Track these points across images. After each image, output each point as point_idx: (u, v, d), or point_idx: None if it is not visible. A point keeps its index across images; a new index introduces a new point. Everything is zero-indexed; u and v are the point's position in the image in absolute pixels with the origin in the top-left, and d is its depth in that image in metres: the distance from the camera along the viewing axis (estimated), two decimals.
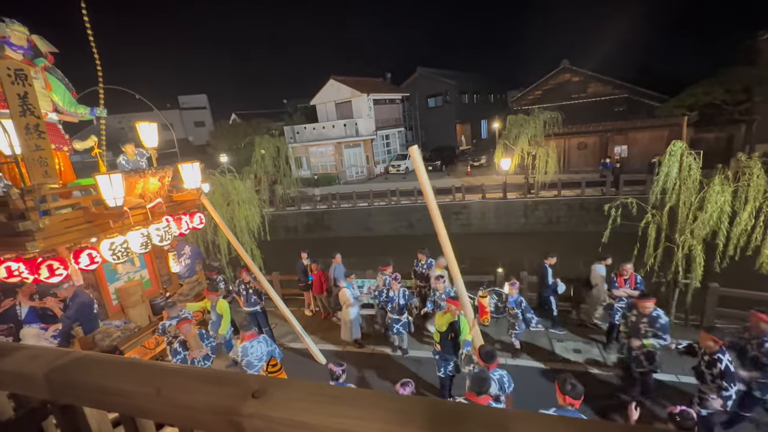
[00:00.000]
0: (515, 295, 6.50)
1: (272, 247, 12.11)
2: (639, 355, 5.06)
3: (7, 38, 5.14)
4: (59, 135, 5.77)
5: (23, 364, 0.61)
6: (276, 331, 8.04)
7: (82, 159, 10.72)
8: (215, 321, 6.47)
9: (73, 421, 0.63)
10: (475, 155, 27.09)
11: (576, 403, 3.30)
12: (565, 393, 3.30)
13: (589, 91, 22.70)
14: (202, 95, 50.32)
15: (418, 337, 7.53)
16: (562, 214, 17.08)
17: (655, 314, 4.95)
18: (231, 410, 0.47)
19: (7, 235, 4.46)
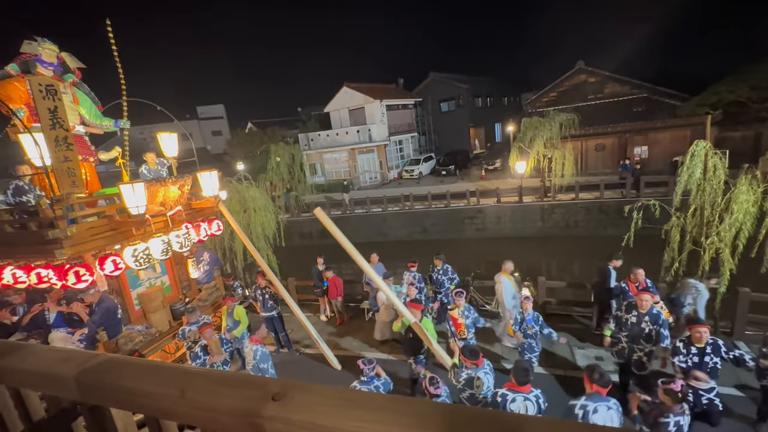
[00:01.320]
0: (531, 311, 5.97)
1: (288, 253, 12.26)
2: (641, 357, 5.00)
3: (39, 56, 5.42)
4: (86, 146, 6.02)
5: (54, 365, 0.64)
6: (292, 336, 8.10)
7: (107, 169, 11.15)
8: (231, 327, 6.56)
9: (101, 421, 0.66)
10: (489, 159, 26.85)
11: (603, 390, 3.33)
12: (592, 381, 3.35)
13: (607, 91, 22.24)
14: (219, 105, 51.70)
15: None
16: (580, 217, 16.70)
17: (656, 311, 4.94)
18: (252, 412, 0.48)
19: (37, 243, 4.66)
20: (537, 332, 5.91)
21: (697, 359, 4.15)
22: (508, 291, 6.98)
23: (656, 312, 4.96)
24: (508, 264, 7.08)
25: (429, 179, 26.52)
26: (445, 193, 18.63)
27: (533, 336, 5.91)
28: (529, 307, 5.96)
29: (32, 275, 4.82)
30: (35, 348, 0.70)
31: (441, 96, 33.41)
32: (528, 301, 5.99)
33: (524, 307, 5.97)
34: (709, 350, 4.11)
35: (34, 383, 0.67)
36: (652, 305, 5.04)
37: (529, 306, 5.96)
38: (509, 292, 6.98)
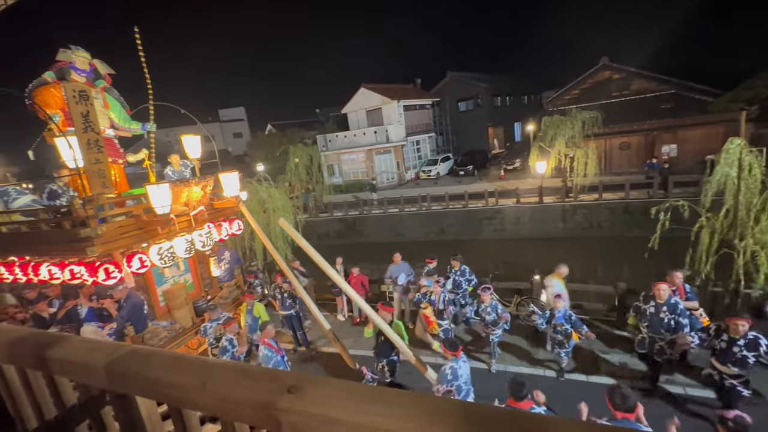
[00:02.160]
0: (562, 308, 5.93)
1: (305, 253, 12.42)
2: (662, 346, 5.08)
3: (73, 63, 5.71)
4: (115, 149, 6.29)
5: (86, 355, 0.68)
6: (309, 335, 8.20)
7: (134, 171, 11.61)
8: (251, 323, 6.71)
9: (128, 410, 0.69)
10: (508, 159, 26.38)
11: (630, 415, 3.06)
12: (616, 407, 3.10)
13: (632, 88, 21.47)
14: (240, 108, 52.92)
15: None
16: (603, 218, 16.18)
17: (673, 301, 5.00)
18: (269, 404, 0.49)
19: (70, 241, 4.90)
20: (567, 330, 5.88)
21: (724, 345, 4.33)
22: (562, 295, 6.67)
23: (674, 302, 5.02)
24: (563, 268, 6.85)
25: (446, 179, 26.31)
26: (463, 194, 18.43)
27: (563, 333, 5.90)
28: (561, 304, 5.95)
29: (66, 271, 5.07)
30: (69, 338, 0.74)
31: (459, 95, 33.09)
32: (559, 299, 5.97)
33: (555, 304, 5.97)
34: (742, 343, 4.22)
35: (67, 371, 0.72)
36: (670, 295, 5.11)
37: (561, 304, 5.96)
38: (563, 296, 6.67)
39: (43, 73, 5.59)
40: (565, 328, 5.86)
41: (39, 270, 5.26)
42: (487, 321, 6.41)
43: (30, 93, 5.48)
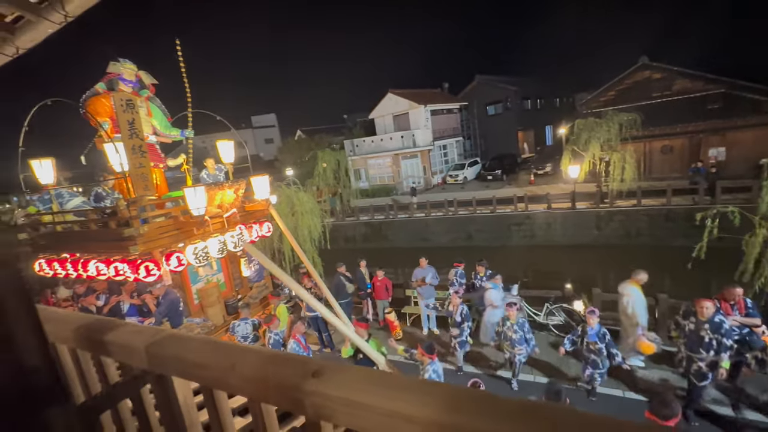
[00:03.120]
0: (596, 326, 5.44)
1: (332, 255, 12.60)
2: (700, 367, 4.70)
3: (121, 75, 6.14)
4: (157, 154, 6.69)
5: (129, 338, 0.73)
6: (335, 336, 8.29)
7: (173, 174, 12.29)
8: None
9: (165, 389, 0.74)
10: (539, 163, 25.62)
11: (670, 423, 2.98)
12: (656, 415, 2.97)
13: (675, 88, 20.29)
14: (271, 115, 54.74)
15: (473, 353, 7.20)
16: (642, 225, 15.32)
17: (717, 320, 4.57)
18: (294, 387, 0.51)
19: (115, 240, 5.25)
20: (601, 349, 5.37)
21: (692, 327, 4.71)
22: (641, 303, 6.18)
23: (718, 320, 4.57)
24: (641, 274, 6.26)
25: (474, 184, 25.90)
26: (491, 199, 18.07)
27: (597, 353, 5.41)
28: (594, 321, 5.48)
29: (111, 268, 5.43)
30: (115, 323, 0.81)
31: (487, 99, 32.57)
32: (592, 315, 5.50)
33: (588, 321, 5.50)
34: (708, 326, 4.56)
35: (112, 352, 0.78)
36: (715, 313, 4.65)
37: (594, 320, 5.48)
38: (641, 303, 6.18)
39: (95, 85, 6.05)
40: (599, 348, 5.36)
41: (88, 266, 5.66)
42: (513, 340, 5.92)
43: (84, 103, 5.95)
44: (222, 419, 0.68)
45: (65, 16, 2.33)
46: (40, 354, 0.51)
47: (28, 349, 0.49)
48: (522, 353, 6.00)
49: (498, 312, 6.70)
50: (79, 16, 2.48)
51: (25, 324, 0.49)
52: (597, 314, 5.54)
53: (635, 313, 6.15)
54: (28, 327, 0.50)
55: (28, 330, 0.49)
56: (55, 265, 5.78)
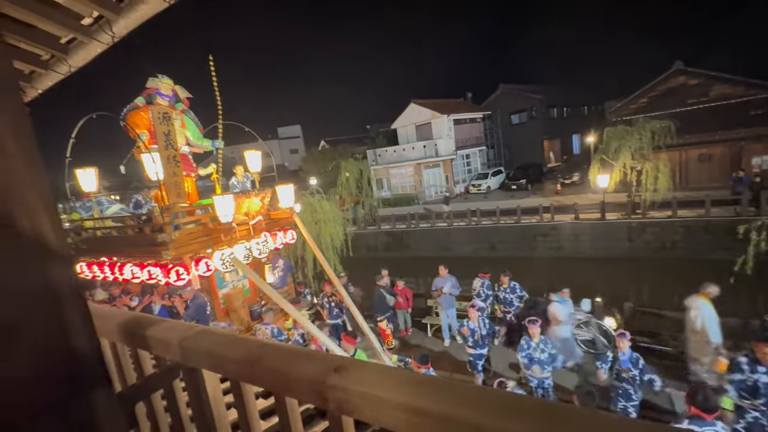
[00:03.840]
0: (628, 351, 4.89)
1: (354, 264, 12.68)
2: None
3: (159, 89, 6.52)
4: (189, 163, 7.02)
5: (165, 333, 0.78)
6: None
7: (203, 183, 12.83)
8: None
9: (195, 381, 0.78)
10: (565, 172, 24.94)
11: (707, 416, 2.87)
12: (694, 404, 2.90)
13: (712, 94, 19.33)
14: (296, 126, 56.30)
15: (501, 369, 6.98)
16: (678, 237, 14.53)
17: None
18: (317, 381, 0.53)
19: (149, 245, 5.52)
20: (635, 377, 4.81)
21: None
22: (711, 318, 5.68)
23: None
24: (711, 288, 5.79)
25: (498, 194, 25.47)
26: (516, 208, 17.69)
27: (630, 381, 4.85)
28: (626, 345, 4.91)
29: (145, 272, 5.69)
30: (152, 319, 0.86)
31: (512, 108, 32.19)
32: (623, 339, 4.92)
33: (619, 346, 4.94)
34: None
35: (149, 346, 0.83)
36: None
37: (626, 344, 4.91)
38: (713, 318, 5.69)
39: (135, 99, 6.46)
40: (633, 375, 4.80)
41: (123, 270, 5.96)
42: (541, 361, 5.40)
43: (124, 116, 6.35)
44: (248, 410, 0.71)
45: (112, 37, 2.52)
46: (89, 342, 0.55)
47: (80, 337, 0.53)
48: (549, 378, 5.54)
49: (565, 329, 6.12)
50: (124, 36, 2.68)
51: (78, 315, 0.53)
52: (628, 337, 4.96)
53: (706, 329, 5.60)
54: (80, 318, 0.55)
55: (80, 320, 0.54)
56: (94, 268, 6.12)
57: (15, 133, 0.46)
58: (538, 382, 5.57)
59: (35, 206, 0.49)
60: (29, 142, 0.48)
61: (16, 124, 0.47)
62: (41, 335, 0.50)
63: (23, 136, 0.47)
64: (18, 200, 0.47)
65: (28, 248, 0.49)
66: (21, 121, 0.47)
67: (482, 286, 7.98)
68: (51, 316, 0.51)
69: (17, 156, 0.46)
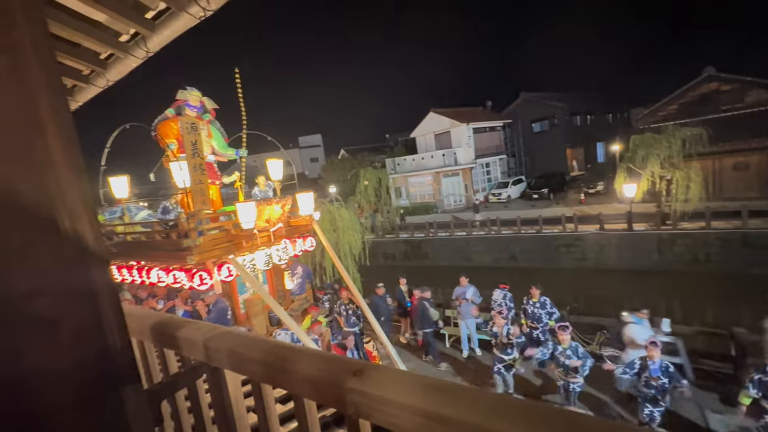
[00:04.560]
0: (657, 360, 4.88)
1: (371, 272, 12.68)
2: None
3: (188, 101, 6.82)
4: (214, 172, 7.26)
5: (190, 333, 0.81)
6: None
7: (227, 191, 13.22)
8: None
9: (218, 381, 0.80)
10: (589, 181, 24.22)
11: None
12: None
13: (748, 100, 18.46)
14: (317, 135, 57.36)
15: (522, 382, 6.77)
16: (713, 250, 13.80)
17: None
18: (336, 384, 0.54)
19: (175, 250, 5.72)
20: (664, 385, 4.83)
21: None
22: None
23: None
24: None
25: (518, 203, 25.01)
26: (537, 218, 17.30)
27: (659, 388, 4.87)
28: (656, 354, 4.92)
29: (170, 276, 5.89)
30: (178, 320, 0.90)
31: (533, 116, 31.73)
32: (655, 348, 4.92)
33: (649, 354, 4.94)
34: None
35: (175, 345, 0.86)
36: None
37: (657, 354, 4.92)
38: None
39: (165, 110, 6.77)
40: (662, 383, 4.81)
41: (150, 273, 6.19)
42: (567, 366, 5.47)
43: (155, 126, 6.66)
44: (268, 412, 0.73)
45: (147, 52, 2.67)
46: (121, 340, 0.58)
47: (113, 334, 0.57)
48: (578, 381, 5.54)
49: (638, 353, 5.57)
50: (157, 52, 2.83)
51: (113, 313, 0.57)
52: (660, 346, 4.98)
53: None
54: (114, 316, 0.58)
55: (114, 319, 0.57)
56: (123, 271, 6.38)
57: (63, 145, 0.50)
58: (564, 385, 5.62)
59: (78, 212, 0.53)
60: (75, 153, 0.52)
61: (65, 136, 0.51)
62: (79, 330, 0.54)
63: (70, 147, 0.51)
64: (63, 207, 0.51)
65: (70, 250, 0.53)
66: (69, 134, 0.51)
67: (504, 298, 7.78)
68: (89, 313, 0.55)
69: (64, 166, 0.50)
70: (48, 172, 0.50)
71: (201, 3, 2.22)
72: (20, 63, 0.51)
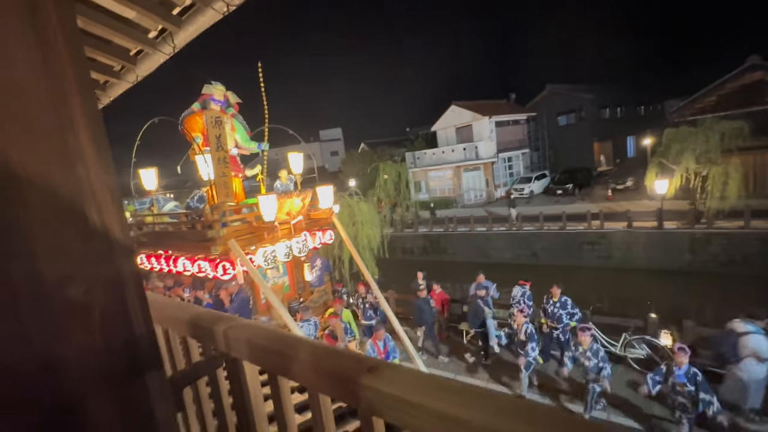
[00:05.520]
0: (685, 366, 4.76)
1: (389, 266, 12.73)
2: None
3: (212, 95, 6.98)
4: (237, 165, 7.43)
5: (212, 323, 0.84)
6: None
7: (249, 183, 13.54)
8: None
9: (236, 371, 0.82)
10: (618, 177, 23.25)
11: None
12: None
13: None
14: (337, 129, 57.62)
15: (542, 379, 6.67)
16: (752, 251, 13.02)
17: None
18: (350, 380, 0.54)
19: (200, 241, 5.93)
20: (691, 392, 4.68)
21: None
22: None
23: None
24: None
25: (541, 199, 24.35)
26: (561, 214, 16.81)
27: (685, 395, 4.73)
28: (684, 360, 4.77)
29: (195, 265, 6.11)
30: (201, 310, 0.93)
31: (559, 109, 30.66)
32: (682, 354, 4.76)
33: (676, 359, 4.82)
34: None
35: (197, 335, 0.89)
36: None
37: (684, 359, 4.76)
38: None
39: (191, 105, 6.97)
40: (688, 390, 4.65)
41: (177, 262, 6.45)
42: (588, 368, 5.42)
43: (182, 120, 6.87)
44: (283, 403, 0.74)
45: (173, 48, 2.74)
46: (145, 327, 0.61)
47: (138, 322, 0.59)
48: (599, 385, 5.43)
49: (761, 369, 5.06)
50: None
51: (138, 302, 0.59)
52: (688, 352, 4.80)
53: None
54: (139, 304, 0.61)
55: (139, 307, 0.59)
56: (152, 259, 6.67)
57: (93, 141, 0.52)
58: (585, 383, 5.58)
59: (106, 205, 0.55)
60: (104, 149, 0.54)
61: (95, 132, 0.53)
62: (107, 317, 0.56)
63: (99, 142, 0.53)
64: (93, 200, 0.53)
65: (98, 241, 0.55)
66: (98, 130, 0.53)
67: (523, 295, 7.64)
68: (116, 300, 0.57)
69: (94, 161, 0.52)
70: (79, 166, 0.53)
71: None
72: (53, 61, 0.53)
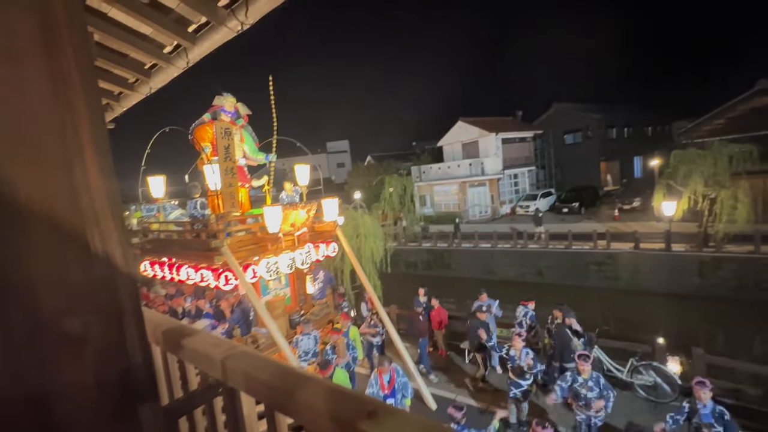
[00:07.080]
0: (709, 403, 4.23)
1: (392, 280, 12.61)
2: None
3: (223, 107, 7.10)
4: (244, 175, 7.49)
5: (209, 348, 0.82)
6: None
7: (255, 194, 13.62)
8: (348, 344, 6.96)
9: (233, 402, 0.80)
10: (625, 197, 23.12)
11: None
12: None
13: None
14: (344, 141, 58.16)
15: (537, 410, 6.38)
16: (763, 277, 12.76)
17: None
18: (348, 423, 0.52)
19: (203, 250, 5.93)
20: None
21: None
22: None
23: None
24: None
25: (547, 217, 24.09)
26: (566, 233, 16.67)
27: None
28: (706, 396, 4.22)
29: (198, 274, 6.10)
30: (200, 332, 0.92)
31: (565, 127, 30.80)
32: (703, 389, 4.23)
33: (698, 396, 4.26)
34: None
35: (194, 359, 0.87)
36: None
37: (706, 395, 4.22)
38: None
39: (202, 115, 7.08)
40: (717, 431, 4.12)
41: (180, 270, 6.44)
42: (588, 399, 5.00)
43: (192, 130, 6.97)
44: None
45: (187, 62, 2.80)
46: (143, 356, 0.59)
47: (136, 350, 0.58)
48: (599, 415, 5.10)
49: None
50: None
51: (136, 332, 0.58)
52: (709, 387, 4.28)
53: None
54: (136, 328, 0.59)
55: (137, 336, 0.58)
56: (156, 266, 6.68)
57: (100, 170, 0.52)
58: (586, 419, 5.18)
59: (109, 234, 0.54)
60: (110, 177, 0.53)
61: (102, 161, 0.53)
62: (104, 349, 0.55)
63: (105, 170, 0.53)
64: (96, 228, 0.53)
65: (99, 270, 0.54)
66: (105, 159, 0.53)
67: (525, 315, 7.49)
68: (114, 332, 0.56)
69: (100, 190, 0.52)
70: (84, 195, 0.52)
71: (239, 17, 2.31)
72: (65, 91, 0.53)
